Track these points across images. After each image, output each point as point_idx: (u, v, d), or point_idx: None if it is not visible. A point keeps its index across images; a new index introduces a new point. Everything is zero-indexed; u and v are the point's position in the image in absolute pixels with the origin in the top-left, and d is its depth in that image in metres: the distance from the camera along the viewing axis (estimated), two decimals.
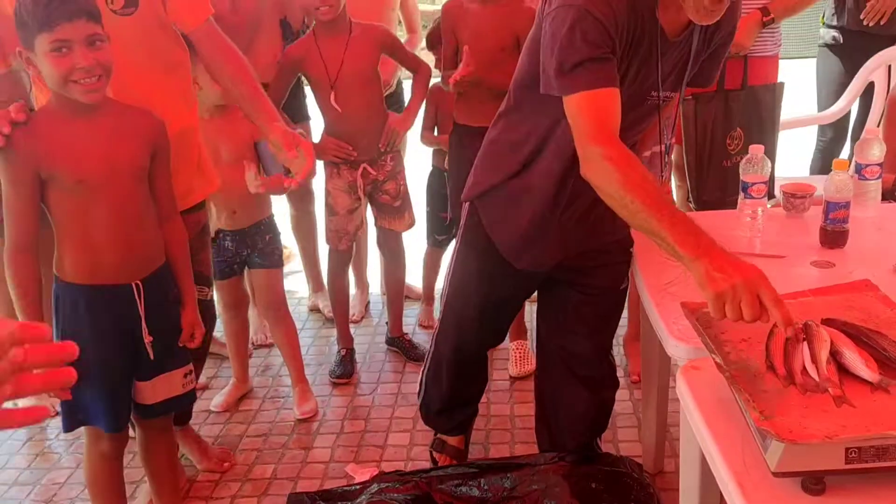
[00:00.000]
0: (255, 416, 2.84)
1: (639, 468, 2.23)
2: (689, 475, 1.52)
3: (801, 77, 4.17)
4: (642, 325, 2.27)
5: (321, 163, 2.99)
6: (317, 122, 3.07)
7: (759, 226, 2.08)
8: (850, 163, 2.18)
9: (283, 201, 3.26)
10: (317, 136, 3.00)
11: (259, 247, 2.74)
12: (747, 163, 2.08)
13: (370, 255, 3.65)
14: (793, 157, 3.80)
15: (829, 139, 3.70)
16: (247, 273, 2.82)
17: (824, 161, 3.60)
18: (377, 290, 3.69)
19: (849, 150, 3.63)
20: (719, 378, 1.27)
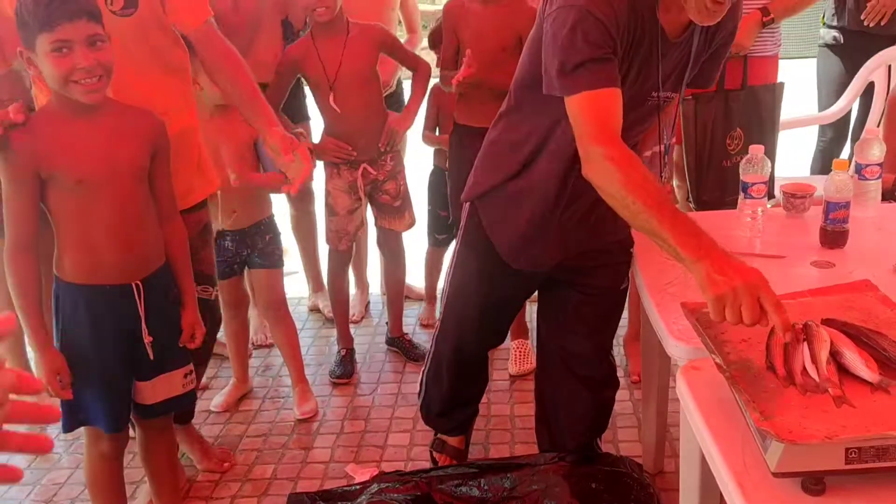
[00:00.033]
0: (255, 417, 2.84)
1: (639, 468, 2.24)
2: (689, 475, 1.52)
3: (801, 77, 4.17)
4: (642, 325, 2.27)
5: (321, 163, 3.00)
6: (316, 122, 3.07)
7: (759, 226, 2.08)
8: (850, 163, 2.18)
9: (283, 201, 3.26)
10: (317, 136, 3.00)
11: (259, 247, 2.74)
12: (747, 163, 2.08)
13: (370, 255, 3.65)
14: (793, 157, 3.80)
15: (829, 139, 3.70)
16: (247, 273, 2.82)
17: (825, 161, 3.60)
18: (377, 290, 3.69)
19: (849, 150, 3.63)
20: (719, 378, 1.27)
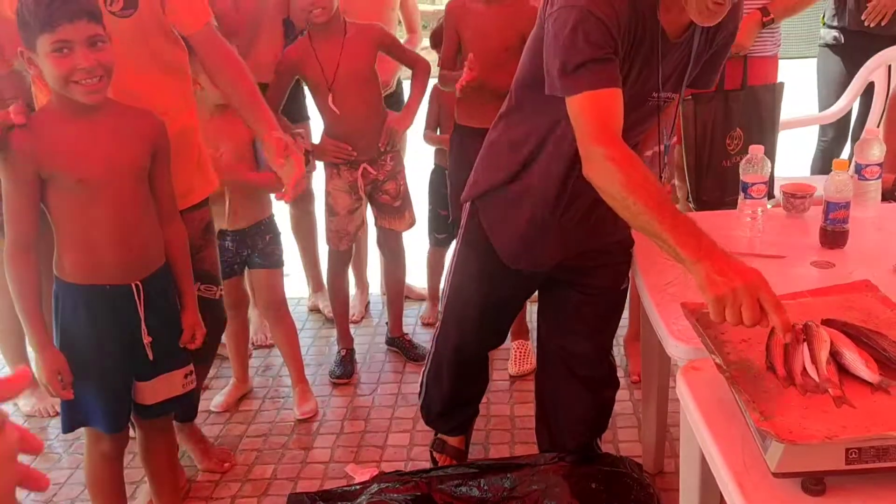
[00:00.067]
0: (255, 417, 2.84)
1: (639, 468, 2.24)
2: (689, 475, 1.53)
3: (801, 77, 4.17)
4: (642, 325, 2.27)
5: (321, 163, 3.00)
6: (316, 123, 3.07)
7: (759, 226, 2.08)
8: (850, 163, 2.18)
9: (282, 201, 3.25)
10: (316, 136, 3.00)
11: (259, 247, 2.74)
12: (747, 163, 2.08)
13: (370, 255, 3.65)
14: (793, 157, 3.80)
15: (830, 139, 3.70)
16: (247, 273, 2.82)
17: (825, 161, 3.60)
18: (377, 290, 3.69)
19: (849, 150, 3.63)
20: (719, 378, 1.27)
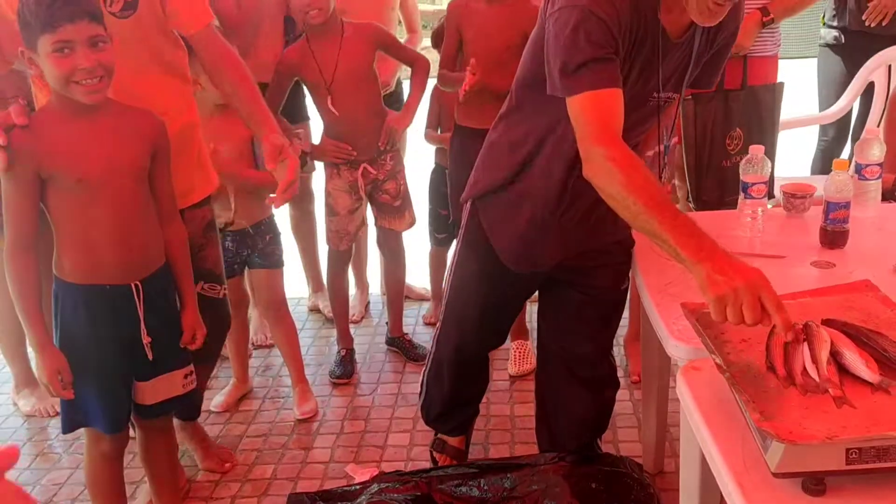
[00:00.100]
0: (255, 417, 2.84)
1: (639, 468, 2.23)
2: (690, 475, 1.52)
3: (801, 77, 4.17)
4: (642, 325, 2.27)
5: (321, 163, 3.00)
6: (316, 122, 3.07)
7: (759, 226, 2.08)
8: (851, 163, 2.18)
9: None
10: (316, 136, 3.00)
11: (259, 247, 2.74)
12: (747, 163, 2.08)
13: (370, 255, 3.65)
14: (793, 157, 3.80)
15: (830, 139, 3.70)
16: (247, 273, 2.82)
17: (826, 160, 3.60)
18: (377, 290, 3.69)
19: (850, 149, 3.63)
20: (719, 379, 1.27)
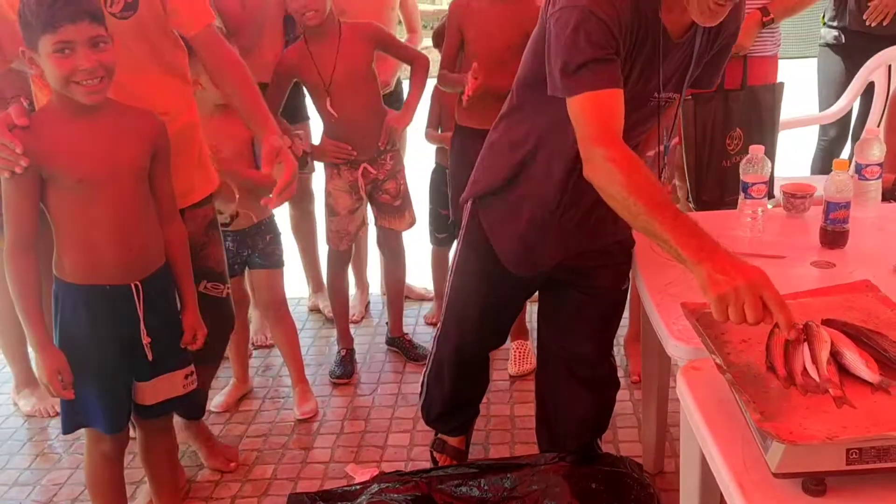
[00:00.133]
0: (255, 417, 2.84)
1: (639, 468, 2.24)
2: (690, 475, 1.52)
3: (801, 77, 4.17)
4: (643, 325, 2.27)
5: (321, 164, 3.00)
6: (316, 122, 3.06)
7: (759, 226, 2.08)
8: (851, 163, 2.18)
9: None
10: (316, 136, 3.00)
11: (260, 247, 2.74)
12: (747, 163, 2.08)
13: (370, 255, 3.65)
14: (793, 157, 3.80)
15: (831, 138, 3.70)
16: (247, 273, 2.82)
17: (825, 160, 3.60)
18: (377, 290, 3.69)
19: (850, 149, 3.63)
20: (719, 379, 1.27)
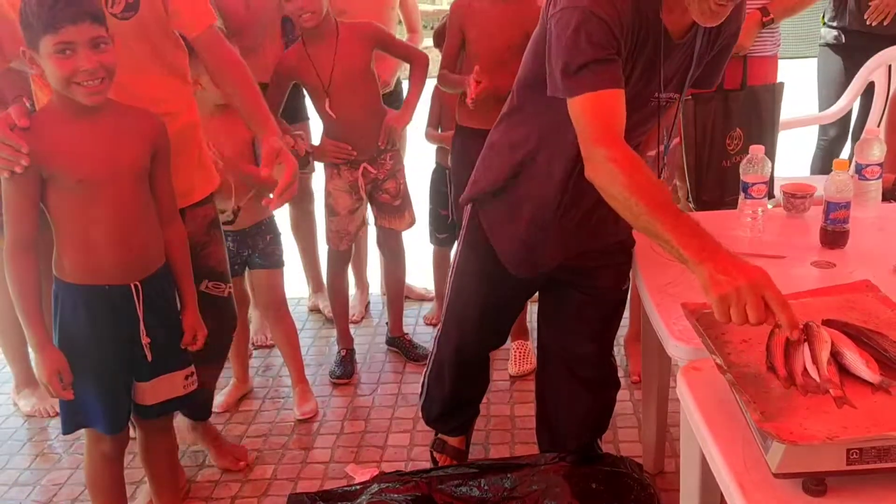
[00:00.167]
0: (255, 417, 2.84)
1: (639, 468, 2.23)
2: (690, 475, 1.52)
3: (801, 77, 4.17)
4: (643, 325, 2.27)
5: (321, 164, 2.99)
6: (316, 122, 3.06)
7: (759, 226, 2.08)
8: (851, 163, 2.18)
9: None
10: (316, 136, 3.00)
11: (260, 247, 2.74)
12: (748, 163, 2.08)
13: (370, 255, 3.65)
14: (793, 157, 3.80)
15: (831, 138, 3.70)
16: (247, 273, 2.82)
17: (826, 159, 3.59)
18: (377, 290, 3.69)
19: (850, 149, 3.63)
20: (720, 379, 1.27)
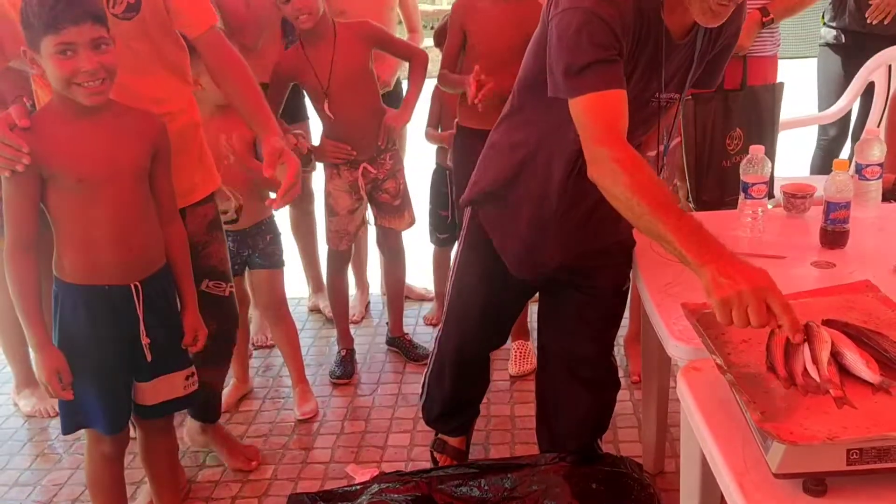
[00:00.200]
0: (255, 417, 2.84)
1: (639, 468, 2.23)
2: (690, 476, 1.52)
3: (801, 77, 4.17)
4: (643, 325, 2.27)
5: (321, 164, 2.99)
6: (315, 122, 3.06)
7: (759, 226, 2.08)
8: (851, 163, 2.18)
9: None
10: (315, 136, 3.00)
11: (260, 247, 2.74)
12: (748, 163, 2.08)
13: (370, 255, 3.65)
14: (793, 157, 3.80)
15: (831, 138, 3.70)
16: (247, 273, 2.82)
17: (826, 159, 3.60)
18: (377, 290, 3.69)
19: (850, 149, 3.63)
20: (720, 379, 1.27)
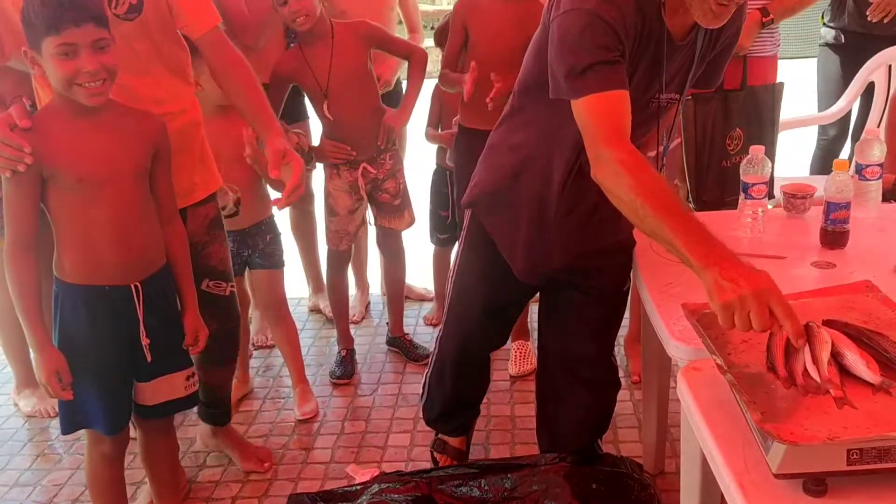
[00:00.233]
0: (255, 417, 2.84)
1: (639, 469, 2.23)
2: (690, 476, 1.52)
3: (801, 77, 4.17)
4: (643, 325, 2.27)
5: (321, 164, 2.99)
6: (315, 122, 3.06)
7: (759, 226, 2.08)
8: (851, 163, 2.18)
9: None
10: (315, 136, 3.00)
11: (260, 247, 2.74)
12: (748, 163, 2.08)
13: (370, 255, 3.65)
14: (793, 157, 3.80)
15: (831, 138, 3.70)
16: (247, 273, 2.82)
17: (826, 159, 3.60)
18: (377, 290, 3.69)
19: (850, 149, 3.63)
20: (720, 379, 1.27)
